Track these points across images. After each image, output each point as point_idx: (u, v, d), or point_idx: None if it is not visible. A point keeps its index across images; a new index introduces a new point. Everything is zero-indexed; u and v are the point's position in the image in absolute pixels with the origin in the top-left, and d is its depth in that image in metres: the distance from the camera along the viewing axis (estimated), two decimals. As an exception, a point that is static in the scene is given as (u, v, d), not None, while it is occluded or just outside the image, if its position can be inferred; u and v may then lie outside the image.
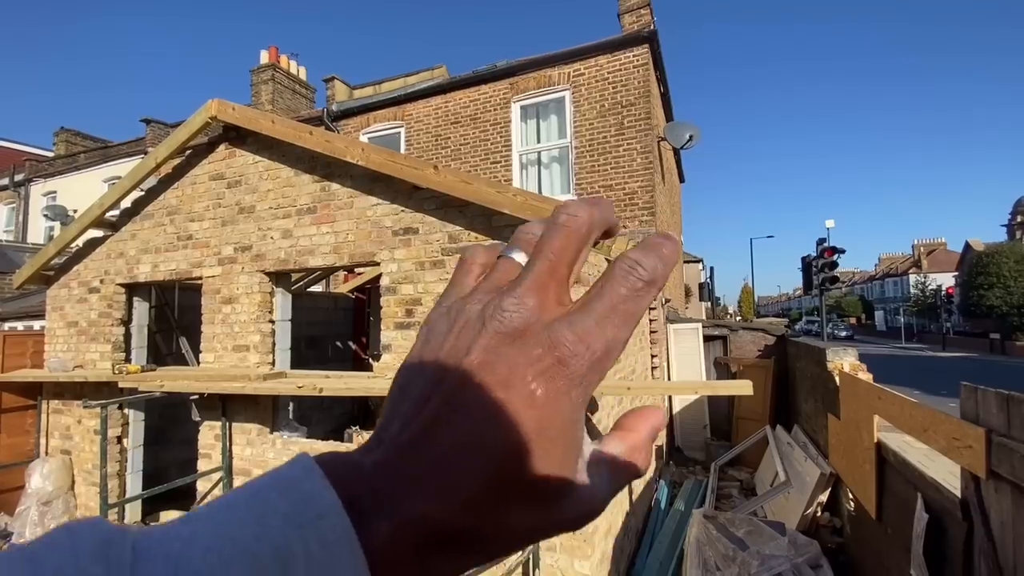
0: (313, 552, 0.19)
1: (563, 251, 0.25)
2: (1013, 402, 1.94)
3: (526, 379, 0.22)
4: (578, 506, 0.23)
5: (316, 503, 0.20)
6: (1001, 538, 2.04)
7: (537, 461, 0.21)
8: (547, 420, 0.22)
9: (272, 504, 0.20)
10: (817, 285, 12.65)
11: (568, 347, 0.22)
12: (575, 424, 0.23)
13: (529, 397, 0.22)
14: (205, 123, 4.35)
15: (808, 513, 4.59)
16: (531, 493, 0.21)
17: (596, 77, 7.70)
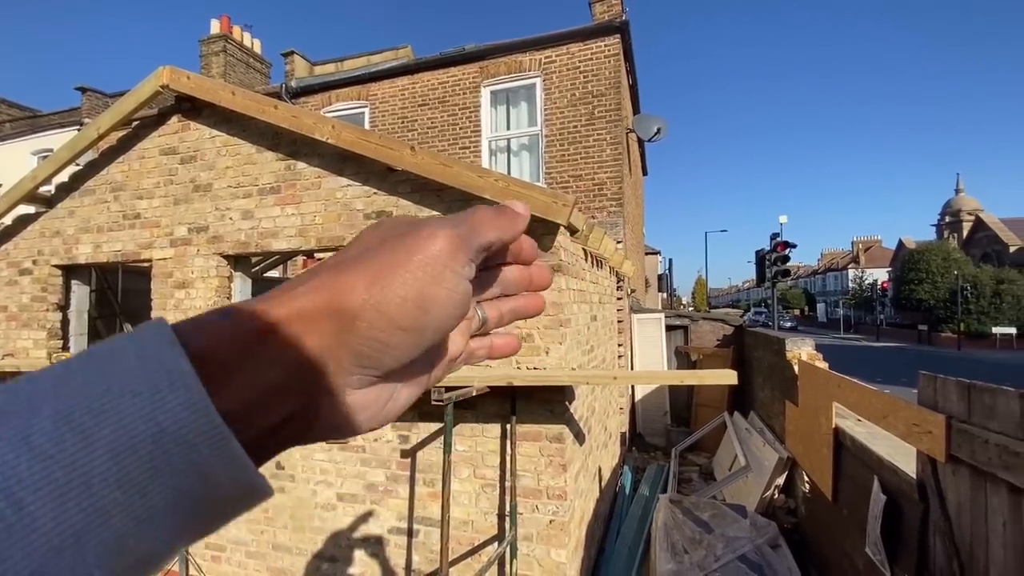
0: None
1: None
2: (974, 391, 2.05)
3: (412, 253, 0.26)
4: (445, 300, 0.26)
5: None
6: (958, 517, 2.16)
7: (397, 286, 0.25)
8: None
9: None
10: (770, 278, 13.21)
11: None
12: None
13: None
14: (155, 92, 4.01)
15: (767, 496, 4.80)
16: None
17: (567, 65, 7.65)
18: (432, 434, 3.33)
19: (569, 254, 3.43)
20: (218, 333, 0.22)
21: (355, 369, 0.25)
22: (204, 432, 0.20)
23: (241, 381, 0.22)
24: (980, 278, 30.71)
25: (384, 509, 3.44)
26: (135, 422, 0.19)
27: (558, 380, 2.89)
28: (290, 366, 0.23)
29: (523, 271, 0.34)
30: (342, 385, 0.25)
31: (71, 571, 0.17)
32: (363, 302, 0.24)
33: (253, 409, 0.22)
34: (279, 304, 0.24)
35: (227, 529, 3.84)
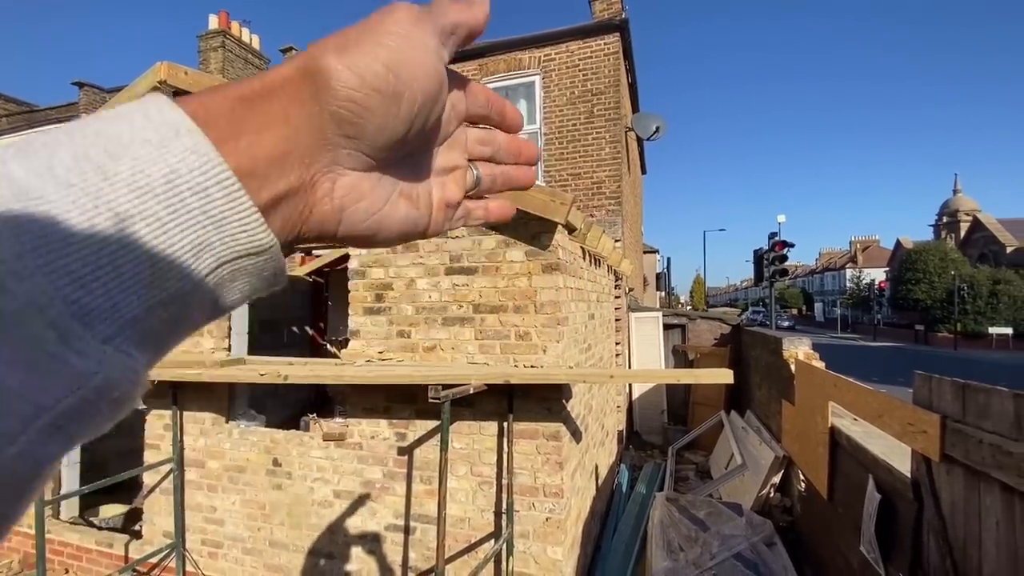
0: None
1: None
2: (969, 390, 2.06)
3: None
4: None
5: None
6: (951, 516, 2.18)
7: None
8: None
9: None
10: (767, 277, 13.24)
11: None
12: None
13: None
14: (152, 88, 3.99)
15: (762, 494, 4.82)
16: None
17: (567, 63, 7.64)
18: (429, 431, 3.33)
19: (567, 252, 3.43)
20: (208, 101, 0.23)
21: (340, 139, 0.26)
22: (214, 177, 0.21)
23: (237, 145, 0.23)
24: (977, 278, 30.81)
25: (381, 506, 3.44)
26: (149, 164, 0.20)
27: (555, 378, 2.90)
28: (279, 130, 0.24)
29: (513, 139, 0.37)
30: (333, 157, 0.26)
31: (105, 292, 0.18)
32: (334, 63, 0.25)
33: (257, 174, 0.23)
34: (259, 77, 0.25)
35: (223, 526, 3.85)
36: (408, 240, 0.33)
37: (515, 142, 0.37)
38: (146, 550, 3.97)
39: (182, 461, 3.95)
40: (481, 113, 0.34)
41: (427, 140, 0.31)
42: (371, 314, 3.55)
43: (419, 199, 0.32)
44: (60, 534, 4.33)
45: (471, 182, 0.35)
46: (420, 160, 0.32)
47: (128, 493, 5.10)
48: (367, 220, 0.29)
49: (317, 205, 0.26)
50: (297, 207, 0.26)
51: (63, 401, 0.17)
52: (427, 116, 0.28)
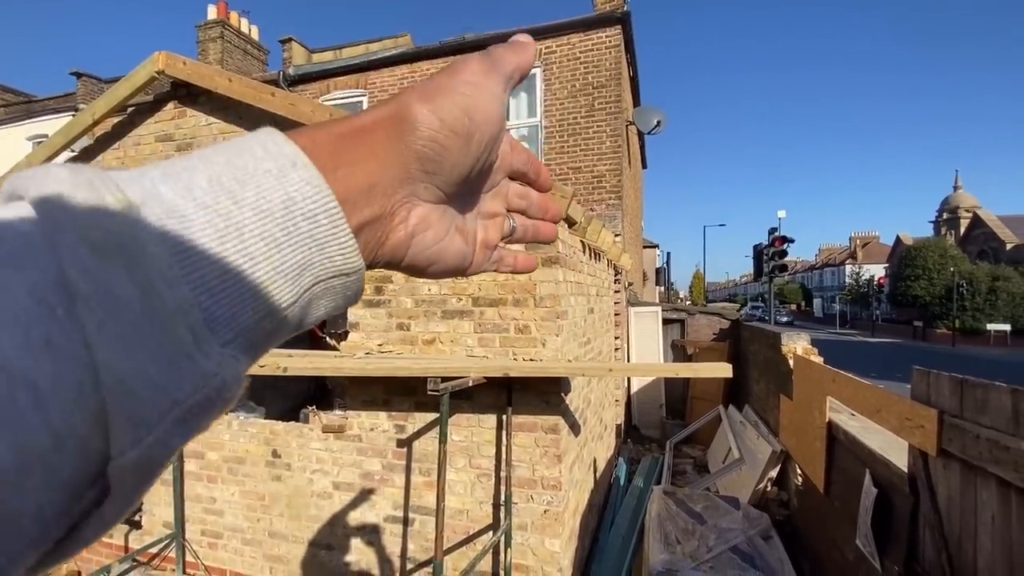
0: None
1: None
2: (967, 386, 2.06)
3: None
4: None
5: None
6: (947, 511, 2.19)
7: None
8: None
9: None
10: (767, 272, 13.25)
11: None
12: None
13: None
14: (151, 78, 3.97)
15: (760, 488, 4.85)
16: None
17: (568, 56, 7.59)
18: (428, 424, 3.34)
19: (567, 246, 3.43)
20: (316, 136, 0.26)
21: (421, 174, 0.29)
22: (323, 205, 0.24)
23: (335, 175, 0.25)
24: (976, 275, 30.84)
25: (380, 498, 3.46)
26: (270, 191, 0.23)
27: (554, 371, 2.90)
28: (370, 164, 0.27)
29: (543, 197, 0.41)
30: (412, 189, 0.29)
31: (229, 303, 0.21)
32: (420, 108, 0.28)
33: (349, 201, 0.26)
34: (358, 118, 0.28)
35: (223, 516, 3.87)
36: (454, 275, 0.36)
37: (545, 200, 0.41)
38: (146, 540, 3.99)
39: (181, 452, 3.96)
40: (522, 169, 0.38)
41: (481, 182, 0.35)
42: (370, 307, 3.55)
43: (469, 236, 0.35)
44: (60, 524, 4.35)
45: (508, 229, 0.39)
46: (472, 201, 0.35)
47: (128, 484, 5.12)
48: (431, 248, 0.32)
49: (393, 231, 0.29)
50: (376, 232, 0.28)
51: (192, 397, 0.20)
52: (487, 156, 0.32)
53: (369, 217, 0.27)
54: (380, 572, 3.44)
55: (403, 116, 0.28)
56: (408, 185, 0.29)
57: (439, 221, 0.32)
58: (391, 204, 0.28)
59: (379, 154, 0.27)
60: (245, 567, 3.80)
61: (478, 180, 0.34)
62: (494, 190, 0.37)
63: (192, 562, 3.91)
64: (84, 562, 4.24)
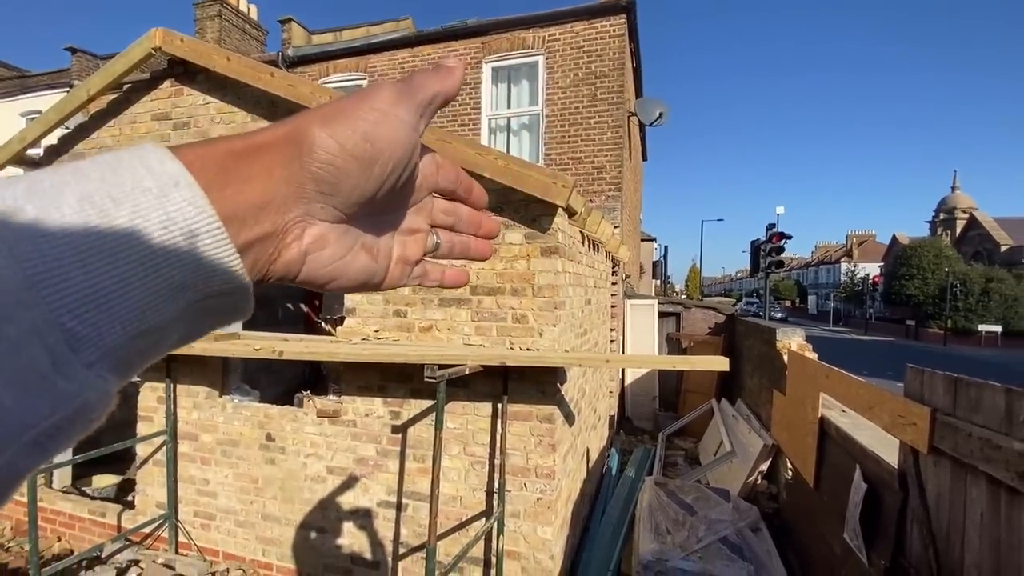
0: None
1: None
2: (961, 385, 2.08)
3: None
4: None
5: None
6: (936, 507, 2.22)
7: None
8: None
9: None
10: (764, 268, 13.26)
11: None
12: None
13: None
14: (147, 54, 3.90)
15: (750, 481, 4.90)
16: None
17: (572, 44, 7.51)
18: (423, 411, 3.35)
19: (566, 236, 3.41)
20: (204, 153, 0.26)
21: (317, 195, 0.29)
22: (205, 225, 0.24)
23: (223, 193, 0.25)
24: (970, 276, 31.03)
25: (374, 483, 3.47)
26: (147, 210, 0.22)
27: (551, 361, 2.90)
28: (262, 183, 0.27)
29: (474, 213, 0.41)
30: (307, 209, 0.29)
31: (95, 323, 0.20)
32: (319, 131, 0.28)
33: (237, 219, 0.26)
34: (249, 136, 0.28)
35: (216, 498, 3.87)
36: (364, 290, 0.36)
37: (477, 216, 0.41)
38: (139, 520, 4.00)
39: (175, 433, 3.96)
40: (449, 188, 0.38)
41: (395, 201, 0.35)
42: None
43: (379, 253, 0.35)
44: (53, 503, 4.35)
45: (431, 245, 0.39)
46: (386, 219, 0.35)
47: (121, 464, 5.12)
48: (328, 266, 0.32)
49: (286, 249, 0.29)
50: (267, 249, 0.28)
51: (46, 420, 0.19)
52: (396, 180, 0.31)
53: (259, 235, 0.27)
54: (372, 556, 3.47)
55: (300, 138, 0.28)
56: (303, 205, 0.29)
57: (338, 240, 0.32)
58: (284, 223, 0.28)
59: (273, 173, 0.27)
60: (238, 548, 3.82)
61: (390, 201, 0.33)
62: (417, 206, 0.37)
63: (185, 542, 3.93)
64: (77, 541, 4.25)
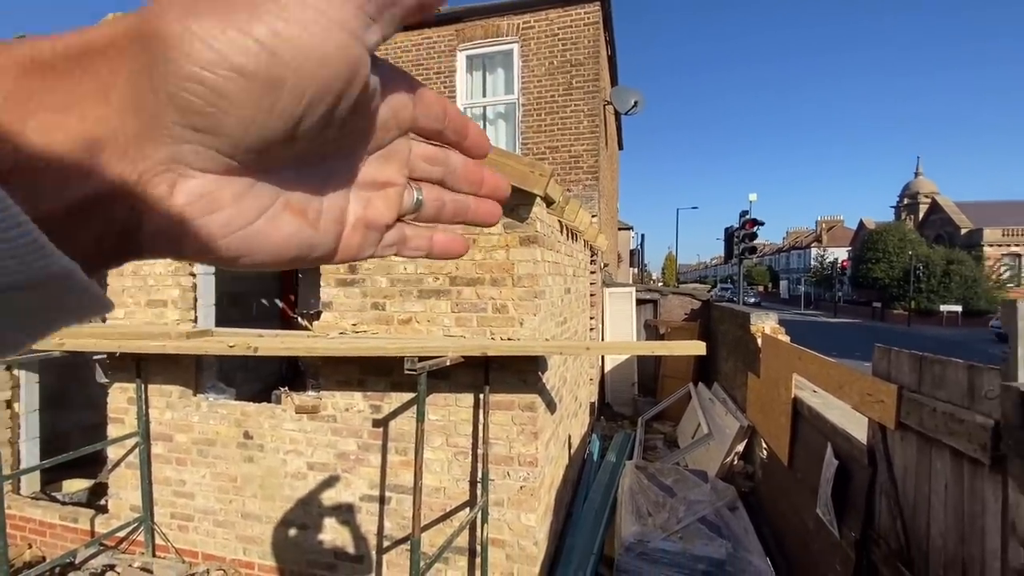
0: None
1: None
2: (925, 362, 2.16)
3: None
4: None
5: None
6: (903, 481, 2.31)
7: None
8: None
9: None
10: (737, 254, 13.52)
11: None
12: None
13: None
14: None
15: (727, 461, 5.03)
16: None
17: (546, 32, 7.46)
18: (405, 404, 3.33)
19: (545, 226, 3.41)
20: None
21: (184, 133, 0.19)
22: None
23: (25, 129, 0.17)
24: (932, 258, 32.25)
25: (356, 477, 3.44)
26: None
27: (532, 350, 2.91)
28: (92, 111, 0.18)
29: (471, 164, 0.31)
30: (172, 153, 0.19)
31: None
32: (180, 27, 0.18)
33: (52, 167, 0.17)
34: (80, 34, 0.18)
35: (194, 499, 3.79)
36: (304, 265, 0.26)
37: (476, 169, 0.31)
38: (113, 524, 3.89)
39: (148, 434, 3.85)
40: (434, 127, 0.28)
41: (341, 144, 0.25)
42: (344, 286, 3.47)
43: (319, 217, 0.25)
44: (21, 509, 4.20)
45: (409, 205, 0.29)
46: (330, 168, 0.25)
47: (92, 468, 4.96)
48: (227, 237, 0.22)
49: (148, 213, 0.20)
50: (117, 217, 0.19)
51: None
52: (326, 115, 0.21)
53: (93, 192, 0.18)
54: (356, 550, 3.45)
55: (152, 37, 0.18)
56: (164, 146, 0.19)
57: (237, 200, 0.22)
58: (136, 173, 0.19)
59: (109, 96, 0.18)
60: (217, 549, 3.75)
61: (330, 144, 0.24)
62: (383, 151, 0.27)
63: (162, 545, 3.84)
64: (49, 547, 4.12)
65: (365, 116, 0.24)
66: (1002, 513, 1.64)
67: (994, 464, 1.67)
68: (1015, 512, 1.57)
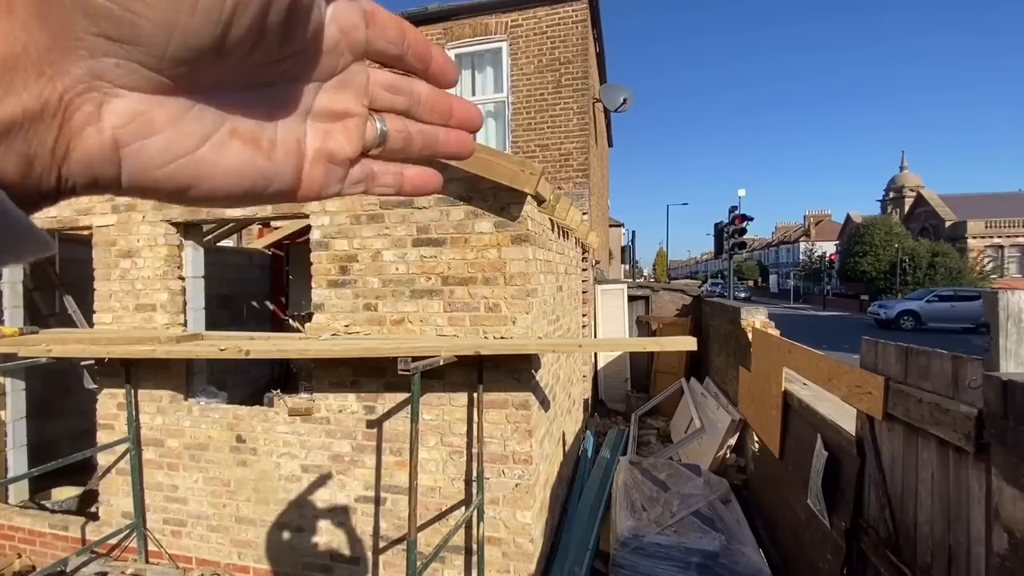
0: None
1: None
2: (911, 354, 2.20)
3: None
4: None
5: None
6: (891, 470, 2.35)
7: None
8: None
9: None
10: (727, 250, 13.64)
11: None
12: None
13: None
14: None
15: (719, 455, 5.08)
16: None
17: (534, 30, 7.46)
18: (398, 404, 3.32)
19: (536, 224, 3.42)
20: None
21: (100, 42, 0.17)
22: None
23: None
24: (918, 251, 32.69)
25: (350, 479, 3.44)
26: None
27: (525, 348, 2.92)
28: (3, 24, 0.16)
29: (437, 91, 0.29)
30: (92, 68, 0.18)
31: None
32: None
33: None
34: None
35: (186, 504, 3.76)
36: (264, 202, 0.24)
37: (443, 98, 0.29)
38: (104, 531, 3.85)
39: (139, 440, 3.81)
40: (392, 52, 0.26)
41: (285, 67, 0.23)
42: (336, 287, 3.46)
43: (273, 146, 0.24)
44: (10, 518, 4.14)
45: (373, 137, 0.27)
46: (278, 94, 0.23)
47: (81, 475, 4.91)
48: (168, 166, 0.20)
49: (76, 138, 0.19)
50: (42, 141, 0.18)
51: None
52: (259, 19, 0.19)
53: (11, 115, 0.17)
54: (352, 551, 3.45)
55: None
56: (81, 60, 0.18)
57: (175, 123, 0.20)
58: (57, 92, 0.18)
59: (14, 6, 0.16)
60: (211, 554, 3.73)
61: (272, 64, 0.22)
62: (340, 77, 0.25)
63: (155, 551, 3.81)
64: (39, 556, 4.07)
65: (306, 30, 0.22)
66: (986, 500, 1.68)
67: (978, 452, 1.70)
68: (998, 498, 1.61)
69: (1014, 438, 1.53)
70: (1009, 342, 1.66)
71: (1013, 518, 1.54)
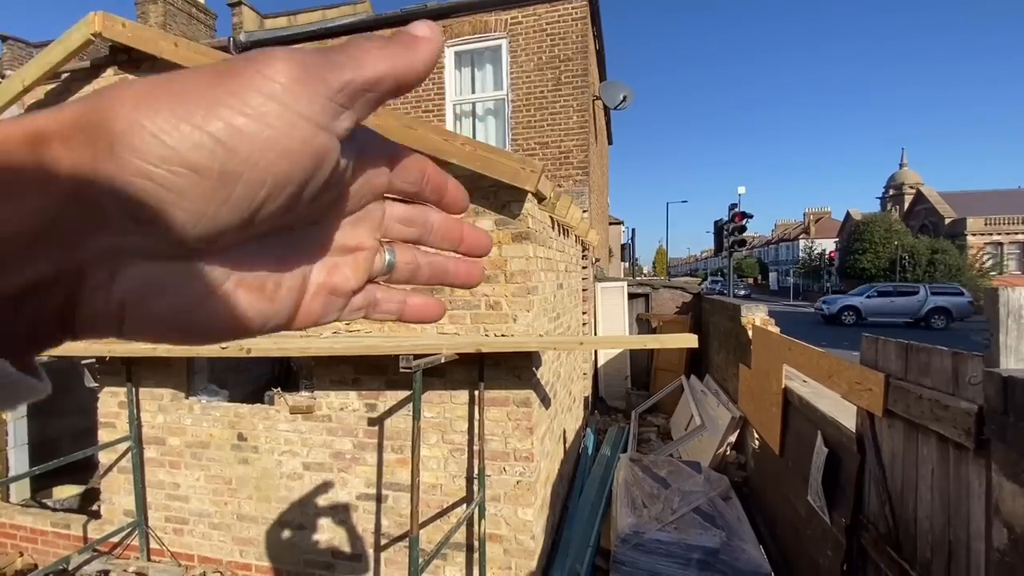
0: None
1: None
2: (911, 351, 2.20)
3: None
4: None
5: None
6: (891, 467, 2.36)
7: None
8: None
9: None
10: (727, 247, 13.63)
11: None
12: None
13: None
14: (86, 41, 3.66)
15: (720, 452, 5.09)
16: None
17: (534, 27, 7.44)
18: (400, 402, 3.33)
19: (537, 222, 3.42)
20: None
21: (128, 223, 0.18)
22: None
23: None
24: (917, 248, 32.69)
25: (352, 476, 3.45)
26: None
27: (526, 346, 2.93)
28: (30, 201, 0.17)
29: (450, 220, 0.29)
30: (115, 243, 0.18)
31: None
32: (130, 116, 0.17)
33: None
34: (18, 122, 0.17)
35: (188, 502, 3.77)
36: (256, 336, 0.25)
37: (455, 225, 0.29)
38: (106, 529, 3.87)
39: (140, 438, 3.82)
40: (411, 190, 0.27)
41: (308, 218, 0.23)
42: (337, 285, 3.46)
43: (278, 288, 0.23)
44: (12, 517, 4.16)
45: (380, 268, 0.28)
46: (297, 238, 0.24)
47: (83, 474, 4.92)
48: (170, 320, 0.21)
49: (85, 299, 0.19)
50: (52, 302, 0.19)
51: None
52: (292, 199, 0.20)
53: (29, 280, 0.18)
54: (354, 549, 3.46)
55: (100, 124, 0.17)
56: (106, 236, 0.18)
57: (181, 285, 0.20)
58: (75, 261, 0.18)
59: (50, 185, 0.17)
60: (213, 551, 3.74)
61: (292, 220, 0.22)
62: (356, 216, 0.26)
63: (157, 549, 3.82)
64: (41, 555, 4.08)
65: (335, 191, 0.22)
66: (986, 496, 1.68)
67: (978, 448, 1.71)
68: (998, 494, 1.62)
69: (1014, 434, 1.53)
70: (1009, 338, 1.66)
71: (1013, 514, 1.55)
